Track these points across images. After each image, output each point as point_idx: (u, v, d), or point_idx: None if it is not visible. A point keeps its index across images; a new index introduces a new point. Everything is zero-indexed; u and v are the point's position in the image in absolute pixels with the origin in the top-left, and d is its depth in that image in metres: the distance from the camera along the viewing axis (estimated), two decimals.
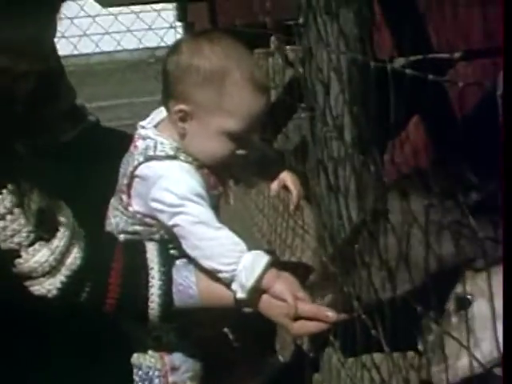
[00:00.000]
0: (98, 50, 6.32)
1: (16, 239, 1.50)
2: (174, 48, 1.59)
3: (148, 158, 1.57)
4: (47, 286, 1.54)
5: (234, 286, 1.50)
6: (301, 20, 1.56)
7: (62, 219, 1.56)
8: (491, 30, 1.72)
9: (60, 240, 1.53)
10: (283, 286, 1.49)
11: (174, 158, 1.58)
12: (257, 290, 1.48)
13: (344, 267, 1.48)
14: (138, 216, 1.60)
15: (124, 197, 1.62)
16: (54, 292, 1.55)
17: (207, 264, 1.53)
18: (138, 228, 1.64)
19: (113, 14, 6.22)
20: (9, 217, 1.49)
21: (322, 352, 1.72)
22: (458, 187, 1.26)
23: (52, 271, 1.53)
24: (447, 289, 1.41)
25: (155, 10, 6.45)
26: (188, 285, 1.55)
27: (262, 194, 2.87)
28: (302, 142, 3.02)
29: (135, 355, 1.73)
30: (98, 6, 3.48)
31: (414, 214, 1.19)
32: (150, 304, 1.56)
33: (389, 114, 1.18)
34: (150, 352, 1.71)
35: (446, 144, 1.71)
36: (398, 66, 1.19)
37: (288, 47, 2.24)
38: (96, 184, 1.72)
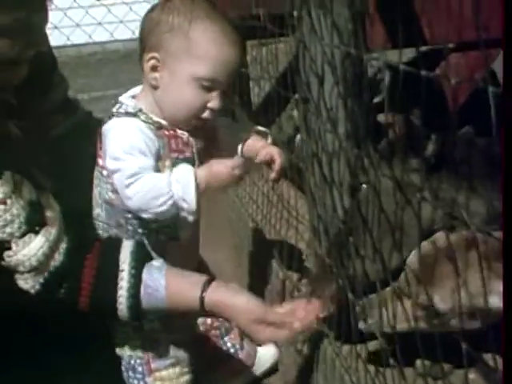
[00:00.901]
0: (90, 41, 6.30)
1: (8, 229, 1.51)
2: (150, 8, 1.69)
3: (110, 116, 1.66)
4: (31, 282, 1.55)
5: (183, 212, 1.58)
6: (295, 13, 1.56)
7: (50, 213, 1.56)
8: (484, 21, 1.72)
9: (50, 234, 1.54)
10: (246, 298, 1.52)
11: (134, 115, 1.65)
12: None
13: (339, 259, 1.49)
14: (107, 174, 1.65)
15: (99, 160, 1.67)
16: (37, 287, 1.56)
17: (146, 216, 1.60)
18: (112, 196, 1.66)
19: (105, 5, 6.21)
20: (1, 206, 1.49)
21: (317, 349, 1.73)
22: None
23: (40, 267, 1.54)
24: None
25: (148, 2, 6.44)
26: (157, 288, 1.56)
27: (255, 184, 2.87)
28: (295, 134, 3.03)
29: (118, 346, 1.76)
30: None
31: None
32: (118, 306, 1.58)
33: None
34: (130, 341, 1.74)
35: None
36: (391, 59, 1.20)
37: (281, 39, 2.24)
38: (87, 178, 1.73)
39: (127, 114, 1.66)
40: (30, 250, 1.52)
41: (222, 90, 1.65)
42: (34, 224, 1.53)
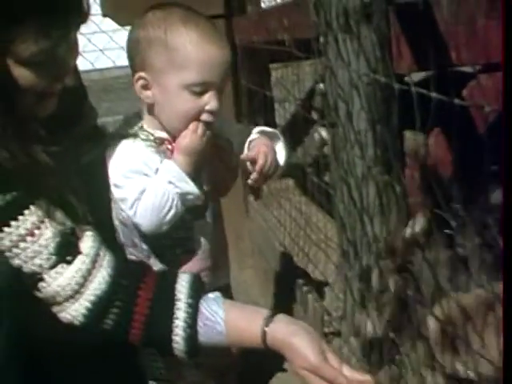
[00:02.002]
0: (114, 65, 6.34)
1: (37, 261, 1.51)
2: (130, 29, 1.69)
3: (112, 138, 1.69)
4: (73, 312, 1.54)
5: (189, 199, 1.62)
6: (321, 39, 1.57)
7: (84, 242, 1.56)
8: None
9: (82, 263, 1.53)
10: (306, 342, 1.47)
11: (133, 135, 1.66)
12: None
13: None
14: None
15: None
16: (80, 318, 1.55)
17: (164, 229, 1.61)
18: (124, 215, 1.67)
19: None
20: (29, 238, 1.50)
21: None
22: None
23: (75, 295, 1.53)
24: None
25: None
26: (216, 320, 1.53)
27: (282, 207, 2.88)
28: (320, 156, 3.04)
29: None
30: (115, 24, 3.50)
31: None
32: (173, 337, 1.54)
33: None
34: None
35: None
36: (417, 81, 1.20)
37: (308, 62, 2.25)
38: None
39: (127, 135, 1.67)
40: (63, 280, 1.52)
41: (217, 90, 1.62)
42: (64, 254, 1.53)
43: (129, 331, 1.55)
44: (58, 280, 1.52)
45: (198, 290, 1.57)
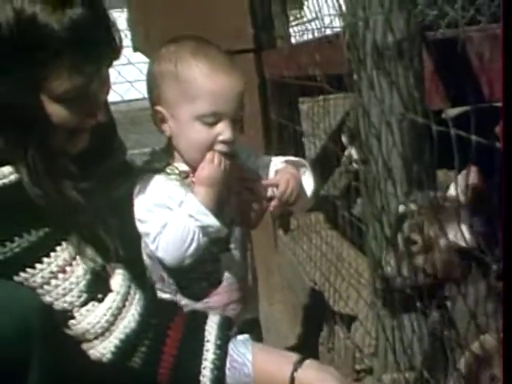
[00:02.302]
0: (141, 97, 6.39)
1: (68, 298, 1.51)
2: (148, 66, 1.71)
3: (139, 173, 1.71)
4: (101, 350, 1.54)
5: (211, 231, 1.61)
6: (355, 76, 1.57)
7: (115, 279, 1.56)
8: None
9: (113, 301, 1.53)
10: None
11: (158, 170, 1.67)
12: None
13: None
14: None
15: None
16: (109, 356, 1.54)
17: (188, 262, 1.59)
18: (148, 252, 1.68)
19: None
20: (61, 275, 1.50)
21: None
22: None
23: (105, 333, 1.53)
24: None
25: None
26: (243, 362, 1.52)
27: (312, 242, 2.86)
28: (348, 189, 3.02)
29: None
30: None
31: None
32: (201, 378, 1.53)
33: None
34: None
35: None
36: (450, 116, 1.19)
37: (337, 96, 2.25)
38: None
39: (153, 169, 1.68)
40: (94, 317, 1.52)
41: (230, 119, 1.62)
42: (95, 292, 1.53)
43: (157, 371, 1.55)
44: (89, 318, 1.52)
45: (227, 332, 1.57)
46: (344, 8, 1.66)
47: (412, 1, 1.60)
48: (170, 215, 1.60)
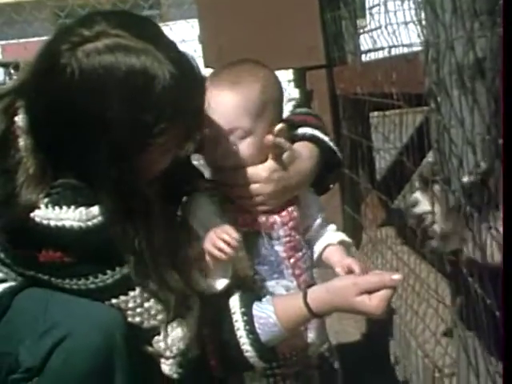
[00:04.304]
0: None
1: (159, 317, 1.54)
2: None
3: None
4: (176, 369, 1.58)
5: None
6: (434, 94, 1.56)
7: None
8: None
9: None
10: (338, 280, 1.62)
11: (204, 190, 1.70)
12: None
13: None
14: None
15: None
16: (180, 371, 1.59)
17: None
18: None
19: None
20: (153, 299, 1.53)
21: None
22: None
23: (186, 352, 1.57)
24: None
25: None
26: (268, 315, 1.62)
27: (384, 257, 2.85)
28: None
29: None
30: None
31: None
32: (243, 347, 1.63)
33: None
34: None
35: None
36: None
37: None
38: None
39: (201, 188, 1.72)
40: (177, 333, 1.55)
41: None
42: (180, 310, 1.56)
43: (209, 366, 1.65)
44: (173, 333, 1.55)
45: (249, 298, 1.66)
46: (424, 25, 1.65)
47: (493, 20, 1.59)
48: None
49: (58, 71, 1.42)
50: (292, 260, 1.73)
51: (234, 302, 1.65)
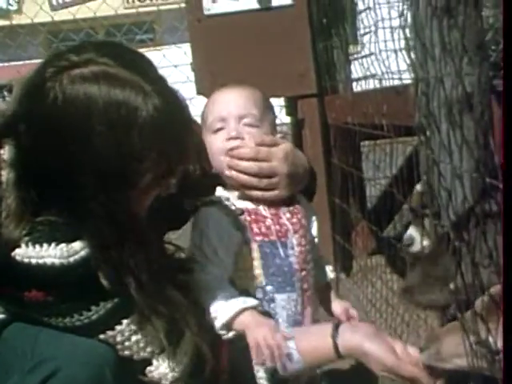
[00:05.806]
0: None
1: (149, 348, 1.52)
2: None
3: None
4: None
5: None
6: (427, 133, 1.57)
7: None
8: None
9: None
10: (377, 345, 1.54)
11: (215, 203, 1.71)
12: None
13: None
14: None
15: None
16: None
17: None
18: None
19: None
20: (141, 331, 1.51)
21: None
22: None
23: (183, 378, 1.55)
24: None
25: None
26: (290, 352, 1.59)
27: (374, 286, 2.85)
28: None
29: None
30: None
31: None
32: (258, 381, 1.64)
33: None
34: None
35: None
36: None
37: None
38: None
39: (209, 202, 1.72)
40: (171, 361, 1.53)
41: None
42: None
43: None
44: (166, 363, 1.53)
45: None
46: (413, 59, 1.66)
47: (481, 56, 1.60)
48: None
49: (42, 94, 1.41)
50: (303, 273, 1.74)
51: None
